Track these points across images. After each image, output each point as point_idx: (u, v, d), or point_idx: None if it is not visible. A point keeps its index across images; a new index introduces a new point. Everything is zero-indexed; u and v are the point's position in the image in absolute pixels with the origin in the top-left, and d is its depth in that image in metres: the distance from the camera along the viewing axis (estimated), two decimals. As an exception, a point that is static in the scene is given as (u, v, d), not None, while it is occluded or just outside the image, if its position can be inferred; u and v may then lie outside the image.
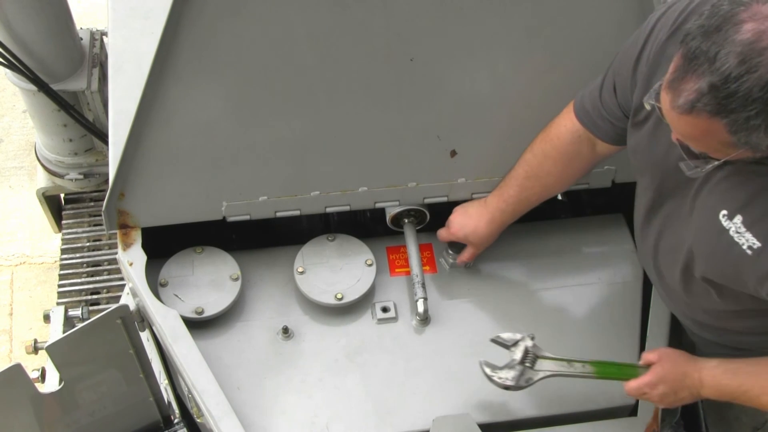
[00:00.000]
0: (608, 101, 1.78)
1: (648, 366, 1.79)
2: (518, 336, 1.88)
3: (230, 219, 2.07)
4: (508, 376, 1.85)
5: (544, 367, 1.86)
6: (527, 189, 1.99)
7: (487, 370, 1.85)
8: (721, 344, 1.86)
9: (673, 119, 1.39)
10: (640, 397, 1.84)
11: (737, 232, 1.50)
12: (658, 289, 1.93)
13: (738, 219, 1.49)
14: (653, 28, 1.63)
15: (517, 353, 1.87)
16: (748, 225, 1.48)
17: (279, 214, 2.09)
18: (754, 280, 1.51)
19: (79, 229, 3.50)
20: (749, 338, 1.79)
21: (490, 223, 2.06)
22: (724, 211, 1.52)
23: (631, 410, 1.95)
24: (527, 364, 1.85)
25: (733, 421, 2.11)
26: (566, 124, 1.89)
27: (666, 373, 1.75)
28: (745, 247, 1.49)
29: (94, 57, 3.07)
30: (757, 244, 1.47)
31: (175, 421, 2.21)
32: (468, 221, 2.08)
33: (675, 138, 1.46)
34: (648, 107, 1.49)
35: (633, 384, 1.78)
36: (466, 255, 2.12)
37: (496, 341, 1.89)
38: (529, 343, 1.87)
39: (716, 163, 1.43)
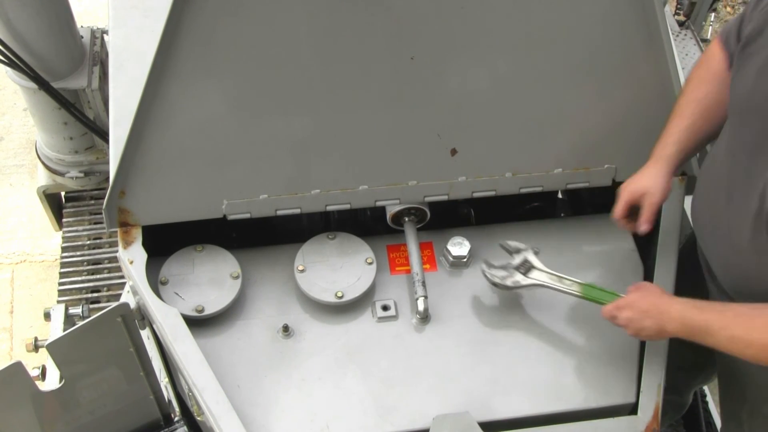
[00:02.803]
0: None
1: None
2: (522, 246, 1.98)
3: (231, 217, 2.07)
4: (498, 274, 1.98)
5: (536, 277, 1.96)
6: (695, 131, 1.95)
7: (483, 266, 1.99)
8: None
9: None
10: (610, 320, 1.87)
11: None
12: (733, 254, 1.84)
13: None
14: None
15: (516, 260, 1.98)
16: None
17: (279, 213, 2.09)
18: None
19: (80, 227, 3.52)
20: None
21: (666, 174, 1.95)
22: None
23: (632, 409, 1.95)
24: (521, 271, 1.96)
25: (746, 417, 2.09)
26: (716, 56, 1.91)
27: (636, 300, 1.82)
28: None
29: (94, 55, 3.08)
30: None
31: (176, 419, 2.21)
32: (643, 178, 1.97)
33: None
34: None
35: (607, 307, 1.86)
36: (647, 213, 1.95)
37: (502, 245, 2.01)
38: (530, 255, 1.96)
39: None
